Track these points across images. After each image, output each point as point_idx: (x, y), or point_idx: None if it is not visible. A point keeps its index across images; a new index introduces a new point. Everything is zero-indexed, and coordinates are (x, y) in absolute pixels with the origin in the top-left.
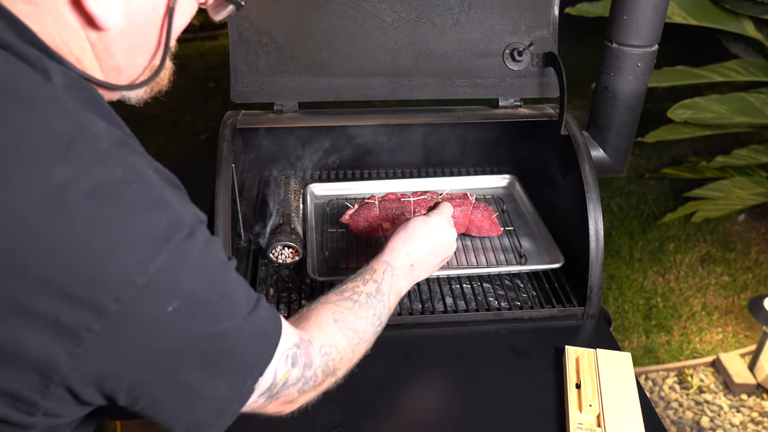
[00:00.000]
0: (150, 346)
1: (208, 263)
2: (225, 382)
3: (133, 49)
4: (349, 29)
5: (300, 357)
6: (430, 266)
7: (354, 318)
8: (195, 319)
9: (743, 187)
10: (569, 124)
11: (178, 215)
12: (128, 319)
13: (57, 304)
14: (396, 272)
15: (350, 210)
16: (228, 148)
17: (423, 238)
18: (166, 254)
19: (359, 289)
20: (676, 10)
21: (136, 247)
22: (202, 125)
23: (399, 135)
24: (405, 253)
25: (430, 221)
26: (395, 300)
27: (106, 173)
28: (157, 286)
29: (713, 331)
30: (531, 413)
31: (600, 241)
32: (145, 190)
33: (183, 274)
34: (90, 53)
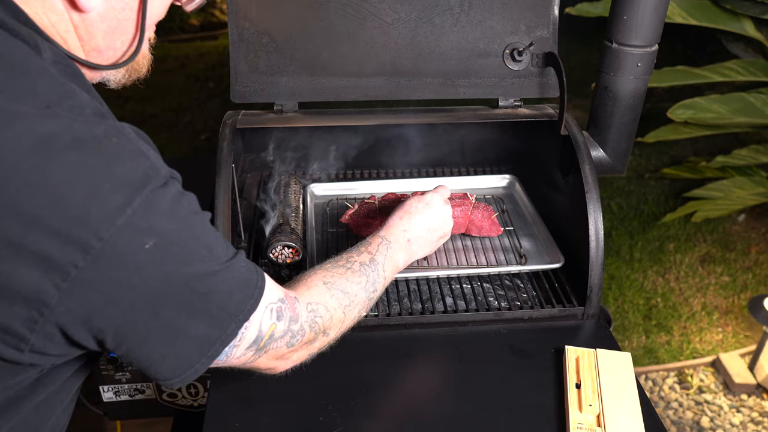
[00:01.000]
0: (131, 282)
1: (180, 209)
2: (206, 323)
3: (111, 31)
4: (349, 29)
5: (285, 311)
6: (428, 242)
7: (345, 282)
8: (171, 259)
9: (743, 187)
10: (569, 124)
11: (155, 166)
12: (110, 256)
13: (46, 240)
14: (392, 245)
15: (350, 210)
16: (228, 148)
17: (419, 215)
18: (142, 198)
19: (353, 259)
20: (676, 10)
21: (116, 191)
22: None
23: (399, 135)
24: (401, 229)
25: (425, 198)
26: (391, 271)
27: (88, 129)
28: (134, 225)
29: (713, 331)
30: (531, 413)
31: (600, 241)
32: (125, 142)
33: (157, 217)
34: (73, 34)
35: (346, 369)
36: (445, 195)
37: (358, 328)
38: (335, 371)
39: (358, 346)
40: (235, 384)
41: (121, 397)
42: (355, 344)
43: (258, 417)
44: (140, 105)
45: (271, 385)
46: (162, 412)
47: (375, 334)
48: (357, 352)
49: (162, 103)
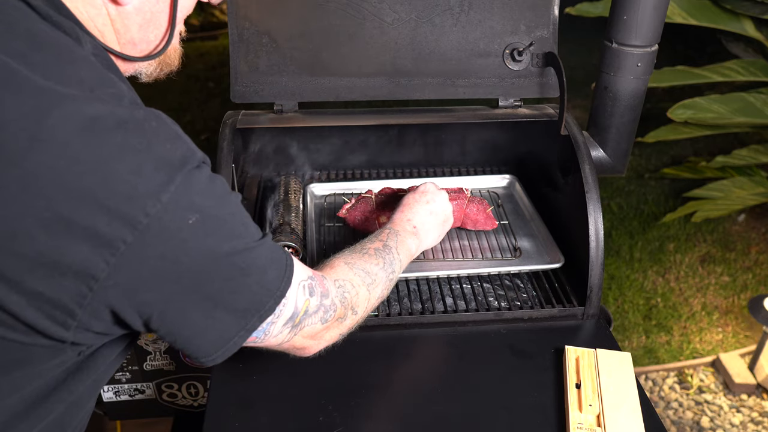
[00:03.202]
0: (176, 256)
1: (216, 188)
2: (246, 298)
3: (145, 24)
4: (349, 29)
5: (316, 287)
6: (434, 225)
7: (364, 263)
8: (212, 233)
9: (743, 187)
10: (569, 124)
11: (191, 149)
12: (156, 231)
13: (96, 216)
14: (400, 234)
15: (347, 204)
16: (228, 148)
17: (418, 203)
18: (182, 177)
19: (367, 247)
20: (676, 10)
21: (158, 169)
22: (202, 125)
23: (399, 135)
24: (406, 219)
25: (420, 188)
26: (406, 256)
27: (129, 113)
28: (177, 202)
29: (713, 331)
30: (531, 413)
31: (600, 241)
32: (163, 126)
33: (197, 194)
34: (110, 27)
35: (346, 369)
36: (436, 184)
37: (359, 328)
38: (335, 371)
39: (358, 346)
40: (235, 384)
41: (121, 397)
42: (355, 344)
43: (258, 417)
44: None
45: (271, 385)
46: (162, 412)
47: (375, 334)
48: (357, 352)
49: (162, 103)
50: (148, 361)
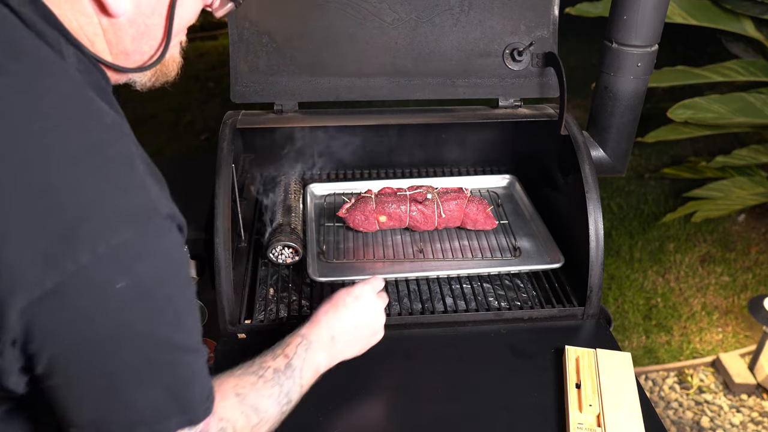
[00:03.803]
0: (89, 316)
1: (167, 263)
2: (146, 401)
3: (139, 36)
4: (349, 29)
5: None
6: (355, 338)
7: (256, 395)
8: (136, 308)
9: (743, 187)
10: (569, 124)
11: (154, 205)
12: (79, 283)
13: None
14: (312, 346)
15: (347, 204)
16: (228, 148)
17: (346, 309)
18: (131, 233)
19: (267, 364)
20: (676, 10)
21: (107, 216)
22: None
23: (399, 135)
24: (326, 326)
25: (354, 291)
26: (310, 376)
27: (99, 145)
28: (113, 259)
29: (713, 331)
30: (531, 413)
31: (600, 241)
32: (130, 172)
33: (139, 259)
34: (101, 37)
35: (346, 369)
36: (378, 287)
37: None
38: (335, 371)
39: None
40: None
41: None
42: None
43: None
44: (140, 105)
45: None
46: None
47: None
48: None
49: (162, 103)
50: None
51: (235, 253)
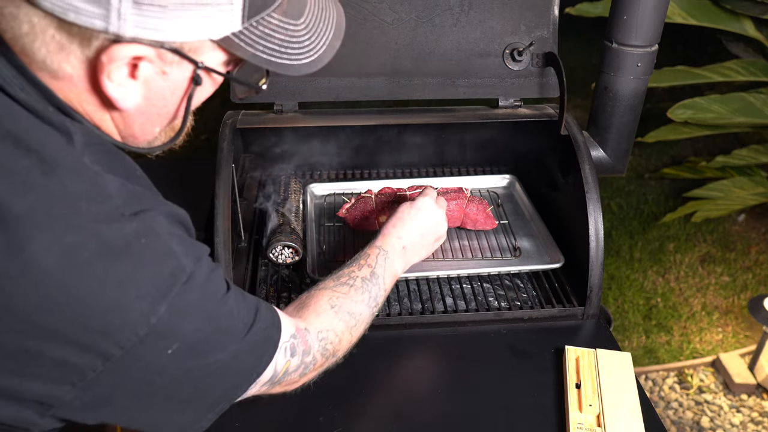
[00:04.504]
0: (149, 379)
1: (205, 304)
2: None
3: (150, 123)
4: (349, 29)
5: (298, 346)
6: (423, 245)
7: (350, 302)
8: (193, 356)
9: (743, 187)
10: (569, 124)
11: (181, 263)
12: (131, 362)
13: (64, 350)
14: (389, 255)
15: (347, 204)
16: (228, 148)
17: (411, 221)
18: (167, 304)
19: (354, 274)
20: (676, 10)
21: (140, 300)
22: (202, 125)
23: (399, 135)
24: (396, 236)
25: (416, 204)
26: (391, 281)
27: (117, 231)
28: (157, 333)
29: (713, 331)
30: (531, 413)
31: (600, 241)
32: (154, 242)
33: (182, 320)
34: (109, 122)
35: (346, 369)
36: (434, 196)
37: None
38: (335, 371)
39: (358, 346)
40: None
41: None
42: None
43: (258, 417)
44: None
45: None
46: None
47: (375, 334)
48: (357, 352)
49: None
50: None
51: (235, 253)
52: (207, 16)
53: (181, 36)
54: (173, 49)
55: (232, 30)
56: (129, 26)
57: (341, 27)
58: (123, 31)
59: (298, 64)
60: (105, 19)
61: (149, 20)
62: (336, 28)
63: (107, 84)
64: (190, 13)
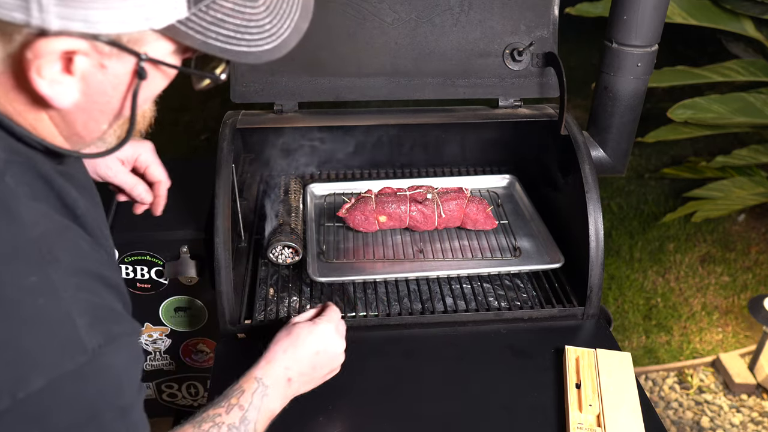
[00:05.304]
0: None
1: (98, 399)
2: None
3: (93, 120)
4: (349, 29)
5: None
6: (312, 379)
7: None
8: None
9: (743, 187)
10: (569, 124)
11: (80, 339)
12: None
13: None
14: (268, 391)
15: (347, 204)
16: (228, 148)
17: (306, 349)
18: (45, 381)
19: (220, 419)
20: (676, 10)
21: (12, 367)
22: (202, 125)
23: (399, 135)
24: (283, 366)
25: (317, 329)
26: (265, 425)
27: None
28: (21, 414)
29: (713, 331)
30: (531, 413)
31: (600, 241)
32: (51, 305)
33: (59, 407)
34: (47, 123)
35: (346, 369)
36: (337, 320)
37: (359, 327)
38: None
39: (358, 346)
40: None
41: None
42: (356, 344)
43: None
44: None
45: None
46: (162, 412)
47: (375, 334)
48: (357, 352)
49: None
50: (148, 361)
51: (235, 253)
52: (143, 4)
53: (116, 27)
54: (110, 41)
55: (177, 17)
56: (53, 18)
57: (309, 7)
58: (47, 24)
59: (259, 51)
60: (25, 11)
61: (76, 11)
62: (302, 8)
63: (37, 81)
64: (123, 2)
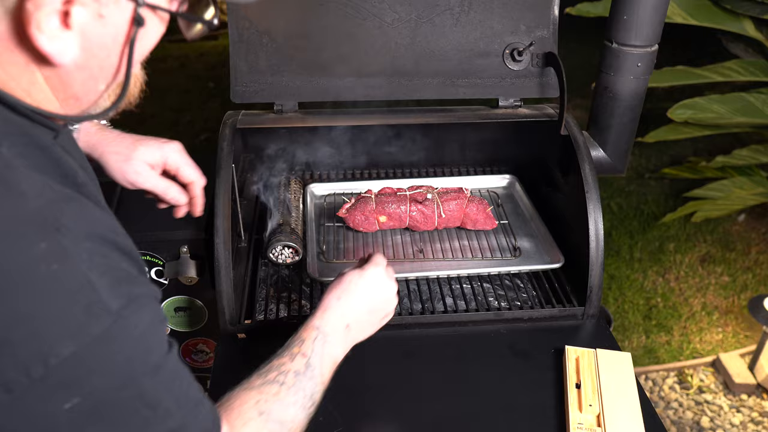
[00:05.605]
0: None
1: (129, 360)
2: None
3: (92, 79)
4: (349, 29)
5: None
6: (370, 323)
7: (281, 407)
8: (96, 422)
9: (743, 187)
10: (569, 124)
11: (102, 302)
12: (17, 409)
13: None
14: (328, 338)
15: (347, 204)
16: (228, 148)
17: (359, 294)
18: (74, 347)
19: (285, 368)
20: (676, 10)
21: (39, 335)
22: (202, 125)
23: (399, 135)
24: (339, 313)
25: (366, 274)
26: (330, 370)
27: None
28: (56, 380)
29: (713, 331)
30: (531, 413)
31: (600, 241)
32: (66, 271)
33: (91, 372)
34: (43, 85)
35: (346, 369)
36: (384, 264)
37: None
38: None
39: (358, 346)
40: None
41: None
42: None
43: None
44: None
45: None
46: None
47: (375, 334)
48: (357, 352)
49: (162, 103)
50: None
51: (235, 253)
52: None
53: None
54: None
55: None
56: None
57: None
58: None
59: None
60: None
61: None
62: None
63: (38, 37)
64: None
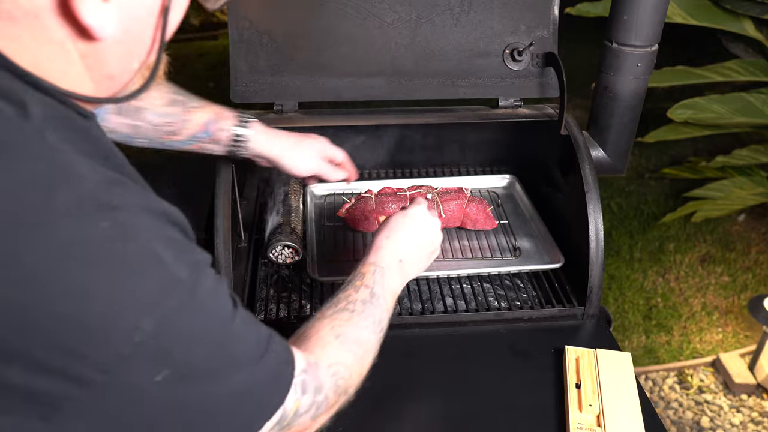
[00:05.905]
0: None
1: (205, 323)
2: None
3: (127, 55)
4: (349, 29)
5: (309, 383)
6: (420, 258)
7: (355, 330)
8: (187, 387)
9: (743, 187)
10: (569, 124)
11: (172, 273)
12: (112, 388)
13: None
14: (386, 271)
15: (347, 204)
16: None
17: (406, 230)
18: (155, 321)
19: (353, 298)
20: (676, 10)
21: (120, 315)
22: None
23: (399, 135)
24: (391, 250)
25: (410, 212)
26: (392, 300)
27: (86, 229)
28: (144, 355)
29: (713, 331)
30: (531, 413)
31: (600, 241)
32: (132, 247)
33: (174, 341)
34: (78, 65)
35: None
36: (426, 204)
37: None
38: None
39: None
40: None
41: None
42: None
43: None
44: None
45: None
46: None
47: None
48: None
49: None
50: None
51: (235, 253)
52: None
53: None
54: None
55: None
56: None
57: None
58: None
59: None
60: None
61: None
62: None
63: (82, 10)
64: None
